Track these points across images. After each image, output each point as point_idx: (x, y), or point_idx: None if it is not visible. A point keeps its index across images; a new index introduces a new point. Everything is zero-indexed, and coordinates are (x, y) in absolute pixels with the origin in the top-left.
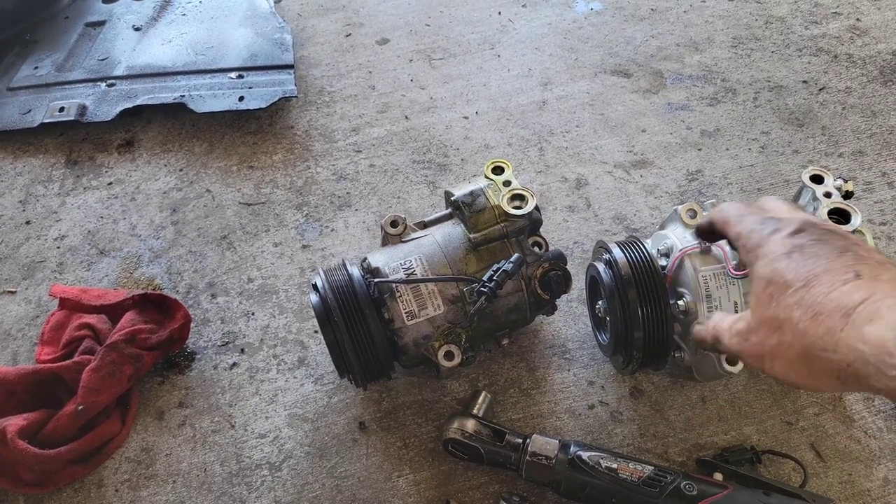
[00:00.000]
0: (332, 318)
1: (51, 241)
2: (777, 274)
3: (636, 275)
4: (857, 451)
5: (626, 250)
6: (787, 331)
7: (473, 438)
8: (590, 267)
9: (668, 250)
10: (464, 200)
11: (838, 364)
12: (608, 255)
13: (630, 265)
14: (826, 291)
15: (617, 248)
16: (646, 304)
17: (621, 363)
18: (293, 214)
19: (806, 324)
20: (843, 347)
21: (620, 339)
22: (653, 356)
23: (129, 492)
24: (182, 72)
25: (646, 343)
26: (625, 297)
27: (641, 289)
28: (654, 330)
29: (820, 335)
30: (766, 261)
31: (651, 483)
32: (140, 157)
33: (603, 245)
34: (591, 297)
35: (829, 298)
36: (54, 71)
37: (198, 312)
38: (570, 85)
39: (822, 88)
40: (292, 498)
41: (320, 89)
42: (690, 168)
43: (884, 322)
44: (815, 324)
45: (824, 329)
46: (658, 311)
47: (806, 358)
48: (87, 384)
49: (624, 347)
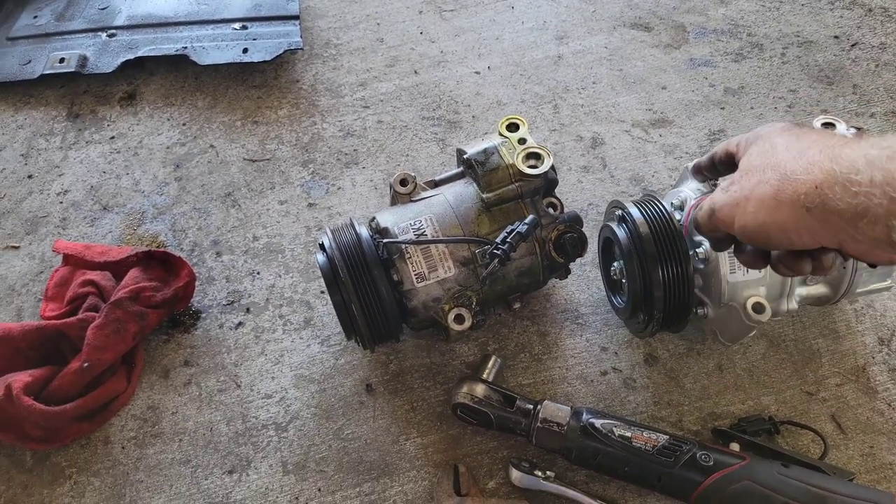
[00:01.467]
0: (339, 279)
1: (54, 196)
2: (773, 140)
3: (653, 230)
4: (880, 424)
5: (641, 207)
6: (768, 169)
7: (483, 403)
8: (603, 228)
9: (682, 203)
10: (477, 158)
11: (807, 188)
12: (622, 211)
13: (646, 220)
14: (814, 139)
15: (631, 204)
16: (666, 259)
17: (640, 325)
18: (299, 171)
19: (789, 160)
20: (817, 169)
21: (639, 300)
22: (675, 315)
23: (136, 449)
24: (184, 22)
25: (667, 301)
26: (643, 253)
27: (660, 244)
28: (675, 286)
29: (800, 165)
30: (762, 138)
31: (666, 452)
32: (142, 111)
33: (616, 204)
34: (604, 259)
35: (815, 143)
36: (54, 20)
37: (202, 271)
38: (587, 39)
39: (855, 44)
40: (298, 458)
41: (326, 41)
42: (712, 127)
43: (859, 148)
44: (798, 158)
45: (805, 160)
46: (679, 266)
47: (779, 189)
48: (91, 341)
49: (643, 308)
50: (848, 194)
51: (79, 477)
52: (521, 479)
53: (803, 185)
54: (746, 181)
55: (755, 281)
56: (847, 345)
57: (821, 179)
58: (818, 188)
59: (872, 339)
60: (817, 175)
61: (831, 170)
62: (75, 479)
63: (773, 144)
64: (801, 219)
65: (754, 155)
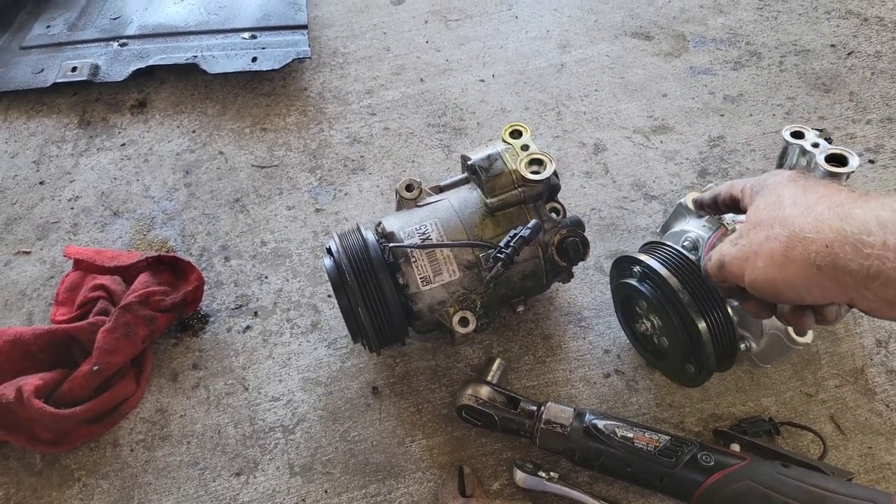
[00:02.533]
0: (346, 283)
1: (65, 202)
2: (779, 192)
3: (682, 279)
4: (879, 425)
5: (656, 257)
6: (776, 224)
7: (487, 405)
8: (619, 286)
9: (694, 244)
10: (480, 164)
11: (818, 247)
12: (639, 267)
13: (671, 271)
14: (822, 193)
15: (646, 256)
16: (704, 306)
17: (692, 375)
18: (307, 177)
19: (797, 215)
20: (826, 228)
21: (687, 353)
22: (726, 358)
23: (145, 451)
24: (194, 31)
25: (716, 347)
26: (679, 306)
27: (694, 292)
28: (720, 330)
29: (808, 221)
30: (769, 189)
31: (667, 453)
32: (153, 118)
33: (627, 260)
34: (626, 317)
35: (823, 198)
36: (66, 30)
37: (211, 275)
38: (590, 47)
39: (851, 52)
40: (305, 461)
41: (334, 50)
42: (712, 134)
43: (869, 209)
44: (806, 214)
45: (813, 217)
46: (719, 310)
47: (788, 245)
48: (101, 345)
49: (692, 359)
50: (860, 255)
51: (88, 479)
52: (525, 480)
53: (813, 244)
54: (755, 235)
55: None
56: (845, 347)
57: (831, 239)
58: (829, 247)
59: (870, 341)
60: (827, 234)
61: (841, 229)
62: (84, 481)
63: (780, 196)
64: (811, 277)
65: (761, 207)
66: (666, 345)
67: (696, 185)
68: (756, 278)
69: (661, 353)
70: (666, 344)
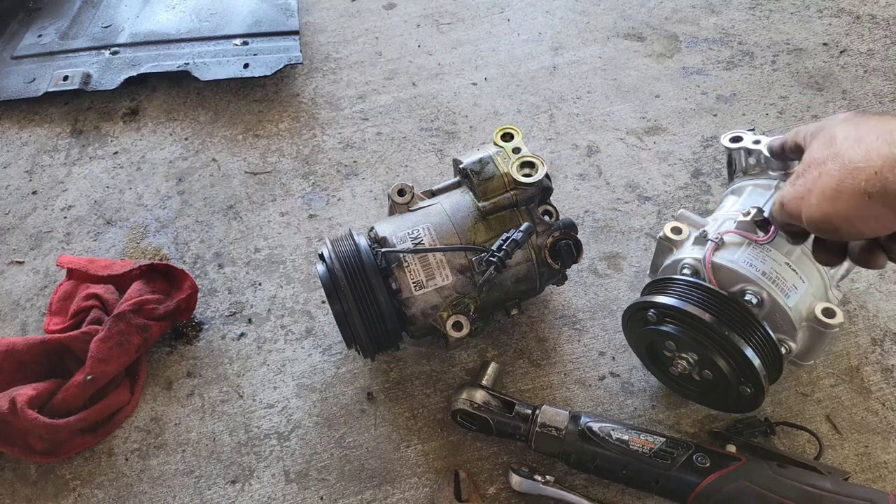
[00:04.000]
0: (339, 289)
1: (58, 212)
2: (832, 132)
3: (711, 310)
4: (875, 423)
5: (672, 293)
6: (829, 161)
7: (482, 409)
8: (642, 334)
9: (695, 269)
10: (472, 168)
11: (867, 175)
12: (653, 310)
13: (696, 305)
14: (873, 125)
15: (665, 297)
16: (742, 331)
17: (747, 398)
18: (300, 183)
19: (847, 149)
20: (874, 155)
21: (737, 377)
22: (776, 372)
23: (139, 461)
24: (186, 39)
25: (767, 365)
26: (720, 338)
27: (730, 320)
28: (765, 347)
29: (857, 153)
30: (824, 130)
31: (662, 455)
32: (145, 126)
33: (642, 305)
34: (652, 359)
35: (873, 129)
36: (58, 39)
37: (205, 283)
38: (582, 49)
39: (844, 51)
40: (301, 467)
41: (326, 56)
42: (705, 134)
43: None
44: (856, 146)
45: (863, 148)
46: (757, 327)
47: (840, 179)
48: (95, 354)
49: (747, 384)
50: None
51: (83, 489)
52: (521, 483)
53: (863, 173)
54: (809, 174)
55: (806, 293)
56: (841, 346)
57: (879, 165)
58: (878, 173)
59: (866, 340)
60: (876, 161)
61: (890, 154)
62: (79, 491)
63: (833, 135)
64: (863, 206)
65: (815, 148)
66: (710, 377)
67: (680, 206)
68: (812, 215)
69: (705, 387)
70: (710, 376)
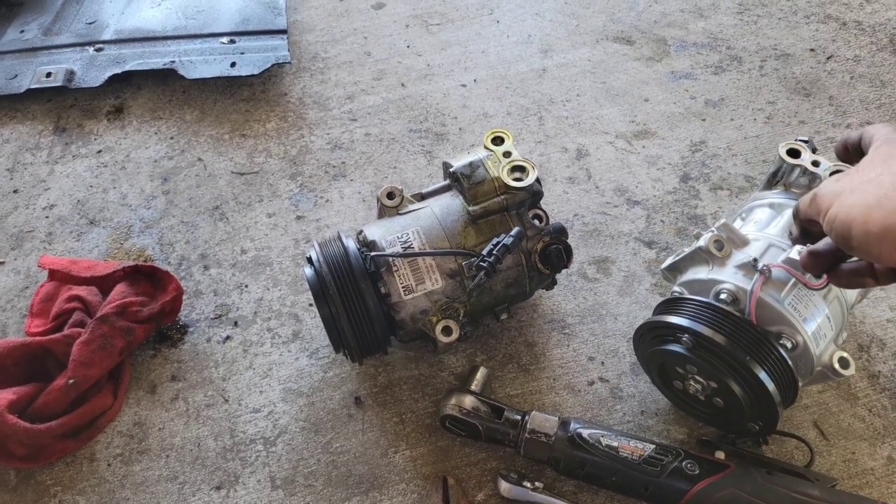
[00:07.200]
0: (327, 293)
1: (39, 211)
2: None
3: (727, 333)
4: (861, 430)
5: (684, 313)
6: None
7: (471, 415)
8: (653, 354)
9: (734, 295)
10: (462, 172)
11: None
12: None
13: (710, 327)
14: None
15: (687, 319)
16: (759, 357)
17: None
18: (287, 184)
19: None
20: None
21: (754, 411)
22: (791, 399)
23: (122, 466)
24: (172, 36)
25: (783, 393)
26: (736, 362)
27: (747, 345)
28: (781, 374)
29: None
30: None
31: (652, 462)
32: (130, 125)
33: (654, 325)
34: (662, 378)
35: None
36: (41, 35)
37: (190, 284)
38: (571, 52)
39: (830, 57)
40: (287, 473)
41: (314, 55)
42: (694, 139)
43: None
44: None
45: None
46: (773, 353)
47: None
48: (77, 358)
49: (761, 416)
50: None
51: (64, 496)
52: (510, 490)
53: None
54: (857, 176)
55: (830, 341)
56: None
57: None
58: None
59: (852, 346)
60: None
61: None
62: (60, 497)
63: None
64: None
65: (875, 157)
66: (720, 404)
67: (705, 223)
68: (838, 213)
69: (711, 408)
70: (720, 404)
